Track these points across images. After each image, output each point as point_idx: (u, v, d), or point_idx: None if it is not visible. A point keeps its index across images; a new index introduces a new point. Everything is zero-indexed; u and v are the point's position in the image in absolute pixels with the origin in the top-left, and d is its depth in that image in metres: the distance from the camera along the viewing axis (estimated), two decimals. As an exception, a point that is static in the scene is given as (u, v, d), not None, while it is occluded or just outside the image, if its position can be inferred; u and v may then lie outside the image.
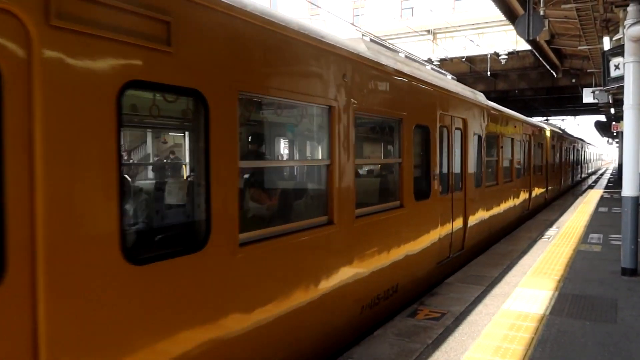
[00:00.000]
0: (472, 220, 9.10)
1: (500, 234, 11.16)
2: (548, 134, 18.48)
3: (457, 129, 8.48)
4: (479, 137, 9.76)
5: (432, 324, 5.37)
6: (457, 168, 8.55)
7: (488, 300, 6.12)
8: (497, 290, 6.55)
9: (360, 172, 7.16)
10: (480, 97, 10.37)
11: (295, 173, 6.66)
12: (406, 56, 7.43)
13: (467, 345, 4.69)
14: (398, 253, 6.19)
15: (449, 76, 9.34)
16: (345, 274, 4.99)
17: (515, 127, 13.02)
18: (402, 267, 6.28)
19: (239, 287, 3.67)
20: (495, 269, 7.82)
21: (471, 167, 9.12)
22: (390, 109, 6.10)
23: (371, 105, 5.61)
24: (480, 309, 5.79)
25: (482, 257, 8.86)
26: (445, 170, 8.00)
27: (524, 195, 14.13)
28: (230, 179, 3.58)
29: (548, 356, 4.43)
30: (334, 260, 4.86)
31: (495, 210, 10.92)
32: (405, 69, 6.59)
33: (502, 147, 11.45)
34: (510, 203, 12.53)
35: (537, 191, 16.18)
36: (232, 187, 3.59)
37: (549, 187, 18.83)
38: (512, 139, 12.71)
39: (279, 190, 5.45)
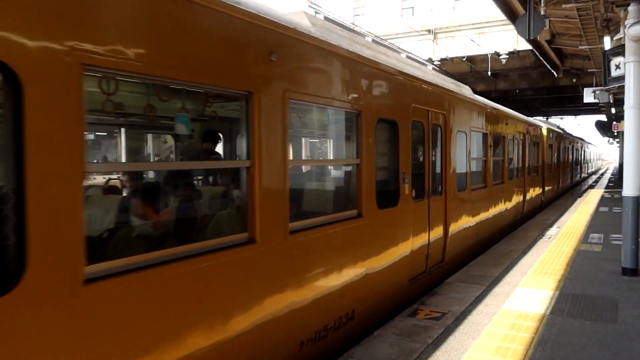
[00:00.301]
0: (455, 227, 8.15)
1: (489, 241, 10.32)
2: (545, 132, 17.80)
3: (435, 125, 7.45)
4: (464, 135, 8.79)
5: (432, 323, 5.37)
6: (435, 169, 7.59)
7: (488, 300, 6.12)
8: (498, 289, 6.54)
9: (303, 176, 6.29)
10: (466, 91, 9.43)
11: (199, 178, 5.33)
12: (373, 40, 6.54)
13: (468, 345, 4.68)
14: (354, 273, 5.15)
15: (430, 67, 8.66)
16: (273, 304, 3.96)
17: (507, 124, 12.05)
18: (360, 289, 5.28)
19: (85, 341, 2.59)
20: (496, 268, 7.82)
21: (453, 169, 8.12)
22: (343, 99, 5.01)
23: (314, 94, 4.56)
24: (480, 308, 5.78)
25: (482, 257, 8.85)
26: (420, 172, 7.02)
27: (517, 198, 13.24)
28: (68, 188, 2.54)
29: (548, 356, 4.42)
30: (255, 288, 3.81)
31: (483, 215, 9.93)
32: (366, 53, 5.56)
33: (491, 146, 10.46)
34: (501, 207, 11.54)
35: (532, 193, 15.34)
36: (70, 199, 2.55)
37: (546, 189, 18.08)
38: (504, 137, 11.72)
39: (175, 202, 4.40)
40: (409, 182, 6.35)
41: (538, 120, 20.27)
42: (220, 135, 6.06)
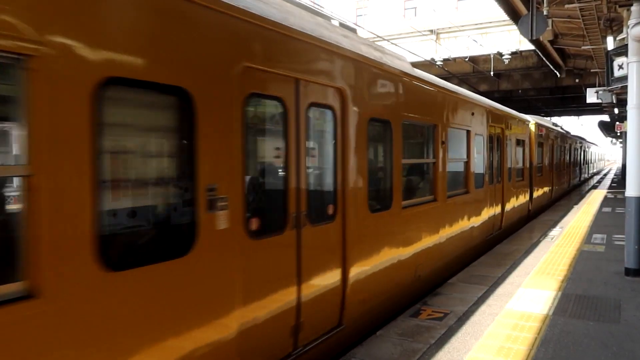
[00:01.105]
0: (366, 267, 5.36)
1: (444, 272, 7.79)
2: (533, 128, 14.96)
3: (320, 105, 4.73)
4: (387, 126, 5.93)
5: (435, 323, 5.37)
6: (322, 180, 4.97)
7: (491, 300, 6.12)
8: (501, 290, 6.54)
9: None
10: (400, 62, 6.46)
11: None
12: None
13: (470, 345, 4.69)
14: None
15: (337, 21, 5.58)
16: None
17: (473, 114, 9.08)
18: None
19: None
20: (499, 269, 7.82)
21: (360, 178, 5.23)
22: None
23: None
24: (483, 309, 5.79)
25: (484, 258, 8.85)
26: (273, 185, 4.37)
27: (490, 211, 10.26)
28: None
29: (551, 356, 4.42)
30: None
31: (428, 241, 7.05)
32: None
33: (444, 143, 7.59)
34: (463, 225, 8.57)
35: (514, 202, 12.52)
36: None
37: (535, 196, 15.32)
38: (468, 132, 8.88)
39: None
40: (234, 205, 3.57)
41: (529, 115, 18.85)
42: None
